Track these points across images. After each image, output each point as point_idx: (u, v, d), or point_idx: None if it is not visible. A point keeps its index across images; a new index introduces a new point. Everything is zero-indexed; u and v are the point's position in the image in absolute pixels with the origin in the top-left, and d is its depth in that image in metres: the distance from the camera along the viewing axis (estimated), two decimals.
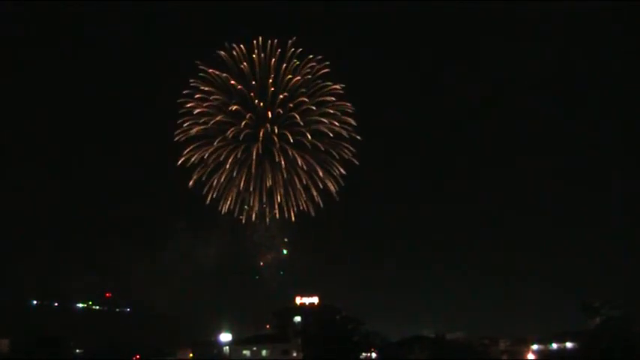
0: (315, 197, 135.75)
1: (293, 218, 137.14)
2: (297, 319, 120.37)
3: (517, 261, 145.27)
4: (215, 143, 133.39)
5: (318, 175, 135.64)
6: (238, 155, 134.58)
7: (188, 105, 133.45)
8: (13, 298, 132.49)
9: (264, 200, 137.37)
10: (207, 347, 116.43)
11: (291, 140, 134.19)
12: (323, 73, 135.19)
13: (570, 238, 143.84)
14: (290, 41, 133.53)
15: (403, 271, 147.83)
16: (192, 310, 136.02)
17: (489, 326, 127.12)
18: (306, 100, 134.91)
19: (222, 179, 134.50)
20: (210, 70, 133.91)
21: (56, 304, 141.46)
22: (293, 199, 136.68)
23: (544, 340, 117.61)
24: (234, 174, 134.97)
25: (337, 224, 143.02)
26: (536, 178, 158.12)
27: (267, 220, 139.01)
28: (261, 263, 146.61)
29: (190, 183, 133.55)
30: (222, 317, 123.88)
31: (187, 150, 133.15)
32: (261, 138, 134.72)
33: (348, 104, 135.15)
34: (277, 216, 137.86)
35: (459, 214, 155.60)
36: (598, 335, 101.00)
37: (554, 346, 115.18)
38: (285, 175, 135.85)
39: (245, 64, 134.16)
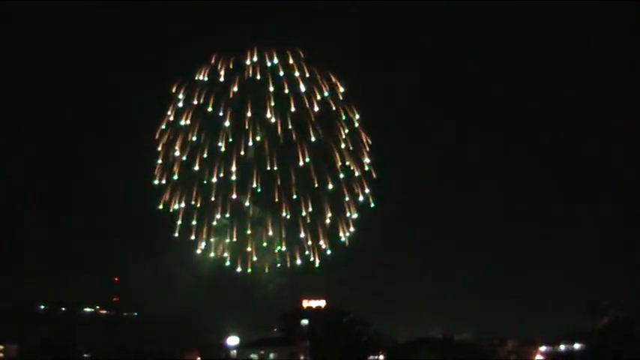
0: (323, 245, 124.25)
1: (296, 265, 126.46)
2: (305, 322, 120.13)
3: (525, 261, 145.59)
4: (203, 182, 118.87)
5: (325, 220, 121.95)
6: (233, 196, 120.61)
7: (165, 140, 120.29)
8: (20, 303, 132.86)
9: (264, 245, 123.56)
10: (214, 350, 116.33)
11: (294, 179, 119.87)
12: (335, 93, 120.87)
13: (578, 238, 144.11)
14: (290, 51, 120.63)
15: (410, 273, 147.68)
16: (199, 313, 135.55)
17: (497, 327, 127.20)
18: (312, 129, 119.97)
19: (212, 225, 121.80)
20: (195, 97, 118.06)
21: (63, 308, 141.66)
22: (297, 247, 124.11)
23: (552, 341, 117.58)
24: (226, 220, 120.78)
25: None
26: (542, 178, 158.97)
27: (267, 268, 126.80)
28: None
29: (176, 233, 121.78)
30: (230, 320, 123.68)
31: (168, 194, 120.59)
32: (256, 178, 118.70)
33: (366, 141, 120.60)
34: (278, 266, 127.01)
35: (466, 214, 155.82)
36: (606, 336, 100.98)
37: (562, 347, 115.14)
38: (287, 220, 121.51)
39: (237, 85, 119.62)
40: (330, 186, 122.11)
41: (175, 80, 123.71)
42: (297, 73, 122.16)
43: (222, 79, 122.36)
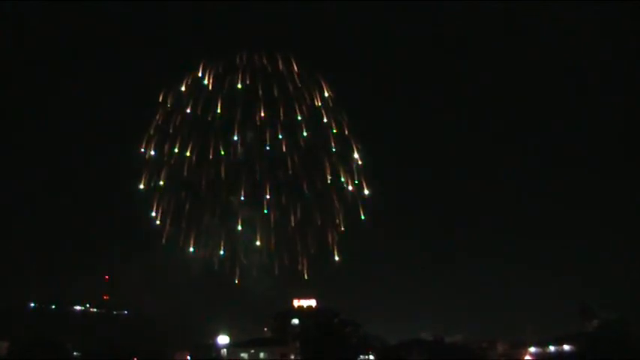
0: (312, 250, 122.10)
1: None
2: (295, 321, 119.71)
3: (516, 264, 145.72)
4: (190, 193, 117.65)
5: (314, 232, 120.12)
6: (222, 202, 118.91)
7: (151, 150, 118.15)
8: (11, 300, 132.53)
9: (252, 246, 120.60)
10: (205, 350, 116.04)
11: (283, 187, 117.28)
12: (325, 101, 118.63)
13: (569, 241, 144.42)
14: (281, 57, 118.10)
15: (402, 274, 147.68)
16: (190, 312, 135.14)
17: (488, 329, 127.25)
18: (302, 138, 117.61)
19: (202, 227, 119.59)
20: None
21: (54, 306, 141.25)
22: (286, 252, 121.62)
23: (542, 343, 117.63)
24: (213, 228, 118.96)
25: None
26: (535, 182, 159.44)
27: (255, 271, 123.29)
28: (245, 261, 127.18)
29: (163, 240, 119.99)
30: (220, 320, 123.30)
31: (158, 196, 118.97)
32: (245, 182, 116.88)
33: (357, 148, 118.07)
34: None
35: (458, 217, 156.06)
36: (596, 338, 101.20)
37: (552, 349, 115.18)
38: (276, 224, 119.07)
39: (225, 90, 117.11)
40: (320, 194, 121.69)
41: (163, 84, 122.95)
42: (287, 80, 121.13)
43: (211, 84, 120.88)
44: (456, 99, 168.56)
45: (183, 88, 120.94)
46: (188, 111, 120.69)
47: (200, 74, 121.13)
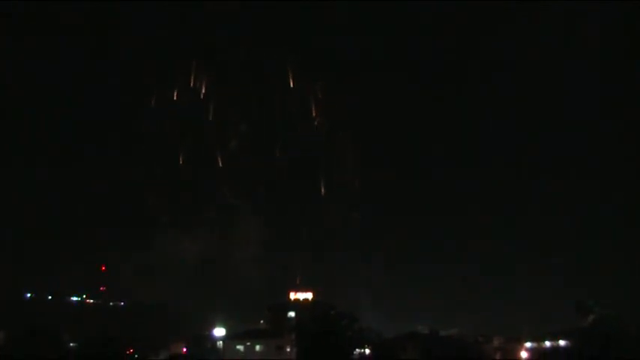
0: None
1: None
2: (292, 314, 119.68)
3: (512, 259, 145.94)
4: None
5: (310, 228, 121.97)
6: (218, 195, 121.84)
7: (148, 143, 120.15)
8: (7, 290, 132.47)
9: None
10: (200, 341, 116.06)
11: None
12: (320, 100, 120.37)
13: (565, 237, 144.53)
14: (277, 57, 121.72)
15: (398, 268, 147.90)
16: (185, 304, 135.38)
17: (483, 324, 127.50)
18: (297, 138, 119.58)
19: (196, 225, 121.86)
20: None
21: (50, 297, 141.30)
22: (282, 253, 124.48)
23: (538, 338, 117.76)
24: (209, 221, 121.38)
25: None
26: (532, 179, 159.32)
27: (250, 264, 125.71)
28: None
29: (160, 232, 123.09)
30: (216, 311, 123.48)
31: (153, 194, 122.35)
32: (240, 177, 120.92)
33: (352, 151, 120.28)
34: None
35: (456, 213, 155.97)
36: (591, 334, 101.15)
37: (548, 344, 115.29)
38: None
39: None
40: (315, 191, 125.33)
41: (160, 81, 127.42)
42: (284, 79, 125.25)
43: (206, 82, 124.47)
44: (456, 99, 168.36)
45: (178, 86, 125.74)
46: (184, 107, 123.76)
47: (195, 72, 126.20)
